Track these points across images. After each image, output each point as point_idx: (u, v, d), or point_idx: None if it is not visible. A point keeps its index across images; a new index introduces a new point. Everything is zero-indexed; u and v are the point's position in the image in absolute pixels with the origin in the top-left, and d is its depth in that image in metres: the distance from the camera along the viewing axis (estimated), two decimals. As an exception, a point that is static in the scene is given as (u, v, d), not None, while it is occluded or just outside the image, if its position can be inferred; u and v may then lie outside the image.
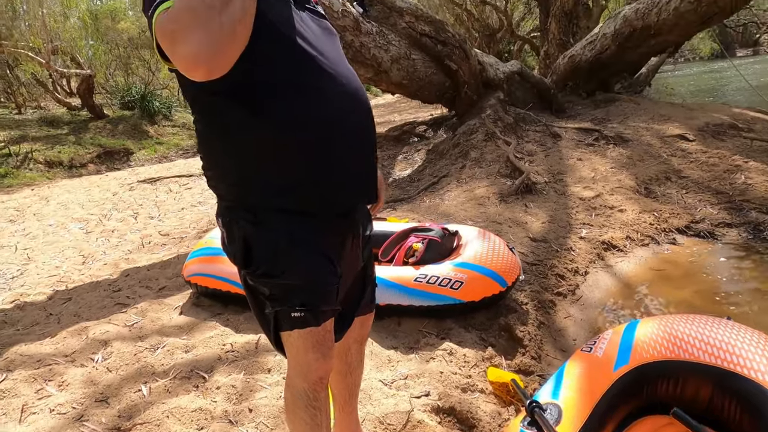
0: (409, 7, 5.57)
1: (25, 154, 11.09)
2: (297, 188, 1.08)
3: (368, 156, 1.19)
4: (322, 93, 1.06)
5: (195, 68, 0.85)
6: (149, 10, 0.89)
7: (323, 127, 1.06)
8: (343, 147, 1.10)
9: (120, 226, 5.02)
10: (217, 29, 0.83)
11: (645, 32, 6.03)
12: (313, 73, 1.05)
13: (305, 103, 1.04)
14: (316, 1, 1.22)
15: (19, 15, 14.13)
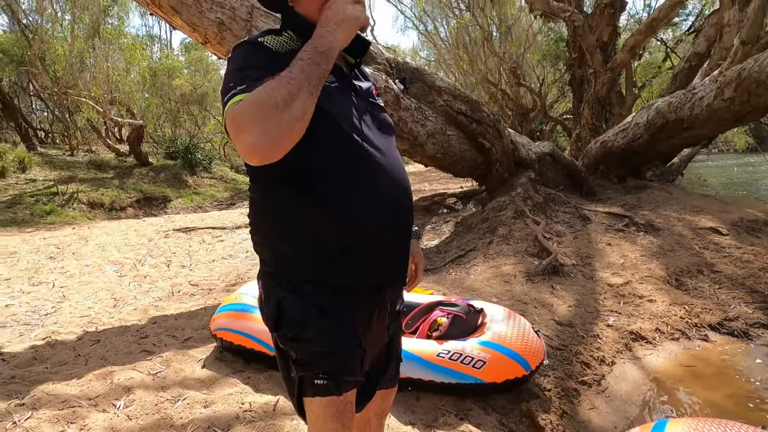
0: (448, 87, 5.86)
1: (71, 193, 11.64)
2: (334, 267, 1.14)
3: (405, 244, 1.26)
4: (371, 186, 1.14)
5: (252, 156, 0.97)
6: (224, 98, 1.02)
7: (368, 217, 1.14)
8: (384, 236, 1.18)
9: (152, 273, 5.17)
10: (276, 125, 0.94)
11: (678, 125, 6.15)
12: (365, 166, 1.14)
13: (354, 195, 1.12)
14: (377, 93, 1.31)
15: (86, 67, 15.31)
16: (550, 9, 8.40)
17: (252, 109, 0.95)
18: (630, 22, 15.88)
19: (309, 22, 1.14)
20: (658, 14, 7.94)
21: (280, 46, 1.12)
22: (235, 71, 1.05)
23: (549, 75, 18.73)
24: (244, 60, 1.08)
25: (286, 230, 1.16)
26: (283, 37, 1.15)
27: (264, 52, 1.09)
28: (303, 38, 1.13)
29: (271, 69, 1.01)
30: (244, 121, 0.95)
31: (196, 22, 4.04)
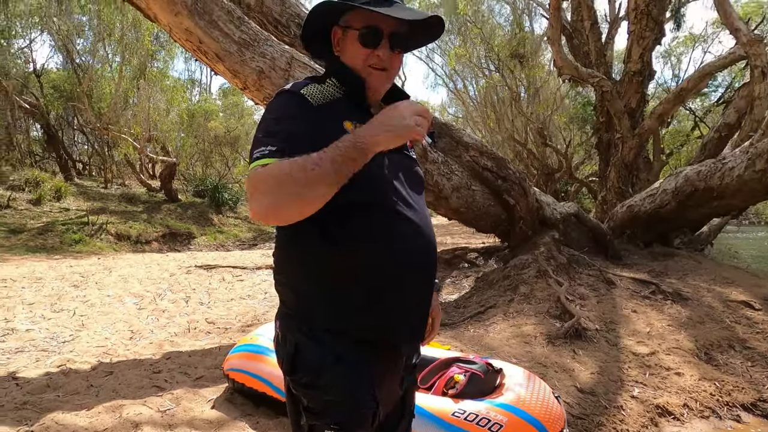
0: (475, 143, 5.95)
1: (101, 224, 11.95)
2: (354, 318, 1.13)
3: (427, 298, 1.25)
4: (399, 238, 1.15)
5: (256, 217, 1.02)
6: (253, 152, 1.06)
7: (393, 272, 1.14)
8: (405, 292, 1.17)
9: (171, 307, 5.20)
10: (286, 204, 0.99)
11: (707, 194, 6.06)
12: (395, 218, 1.15)
13: (382, 245, 1.13)
14: (411, 145, 1.34)
15: (129, 105, 16.09)
16: (579, 74, 8.58)
17: (270, 181, 0.99)
18: (658, 91, 16.06)
19: (353, 71, 1.20)
20: (687, 84, 8.03)
21: (322, 97, 1.15)
22: (270, 122, 1.10)
23: (575, 137, 18.88)
24: (283, 112, 1.11)
25: (310, 273, 1.16)
26: (326, 85, 1.19)
27: (302, 105, 1.12)
28: (345, 86, 1.20)
29: (305, 127, 1.06)
30: (260, 188, 0.99)
31: (238, 70, 4.24)
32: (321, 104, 1.13)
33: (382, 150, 1.08)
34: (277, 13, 4.94)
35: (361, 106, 1.22)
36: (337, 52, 1.25)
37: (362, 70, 1.20)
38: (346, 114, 1.15)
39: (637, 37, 8.17)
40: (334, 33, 1.24)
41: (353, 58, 1.20)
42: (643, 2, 7.89)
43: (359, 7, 1.17)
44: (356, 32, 1.19)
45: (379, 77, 1.21)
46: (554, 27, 8.31)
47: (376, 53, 1.19)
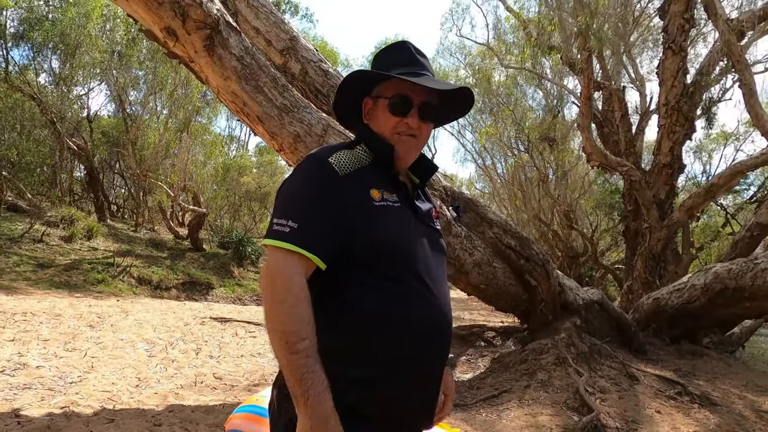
0: (499, 220, 5.97)
1: (125, 267, 12.17)
2: (360, 392, 1.09)
3: (439, 374, 1.22)
4: (417, 310, 1.14)
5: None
6: (272, 222, 1.09)
7: (409, 341, 1.12)
8: (417, 366, 1.15)
9: (181, 358, 5.15)
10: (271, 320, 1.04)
11: (738, 293, 5.87)
12: (415, 289, 1.14)
13: (399, 316, 1.12)
14: (436, 216, 1.34)
15: (169, 155, 16.85)
16: (608, 162, 8.67)
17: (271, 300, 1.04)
18: (688, 184, 16.02)
19: (381, 138, 1.23)
20: (718, 180, 8.00)
21: (350, 164, 1.15)
22: (294, 191, 1.13)
23: (602, 223, 18.73)
24: (307, 183, 1.13)
25: (322, 342, 1.10)
26: (356, 150, 1.20)
27: (328, 175, 1.12)
28: (374, 152, 1.22)
29: (326, 202, 1.09)
30: (266, 294, 1.05)
31: (276, 132, 4.44)
32: (348, 173, 1.14)
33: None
34: (319, 83, 5.22)
35: (389, 173, 1.22)
36: (367, 121, 1.28)
37: (391, 137, 1.22)
38: (373, 182, 1.17)
39: (668, 131, 8.28)
40: (365, 103, 1.29)
41: (383, 125, 1.24)
42: (674, 98, 8.07)
43: (389, 77, 1.21)
44: (386, 101, 1.22)
45: (407, 143, 1.23)
46: (585, 115, 8.52)
47: (405, 121, 1.22)
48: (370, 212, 1.13)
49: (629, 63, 12.17)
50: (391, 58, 1.27)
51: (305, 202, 1.10)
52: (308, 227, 1.06)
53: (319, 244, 1.07)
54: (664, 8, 8.16)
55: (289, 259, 1.05)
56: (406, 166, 1.28)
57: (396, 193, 1.20)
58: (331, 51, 20.43)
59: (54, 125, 14.81)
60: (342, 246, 1.10)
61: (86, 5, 14.45)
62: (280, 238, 1.05)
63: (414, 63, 1.26)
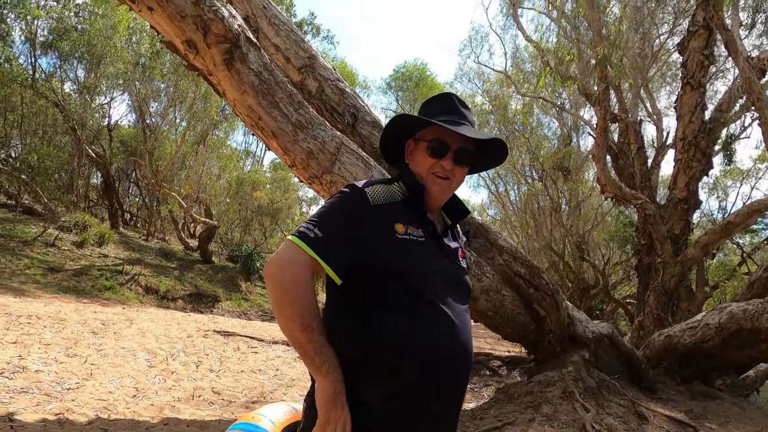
0: (510, 247, 5.88)
1: (134, 275, 12.21)
2: (364, 410, 1.13)
3: (456, 411, 1.26)
4: (434, 351, 1.17)
5: (265, 276, 1.18)
6: (306, 222, 1.19)
7: (427, 375, 1.15)
8: (437, 398, 1.17)
9: (181, 370, 5.10)
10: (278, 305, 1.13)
11: (754, 335, 5.69)
12: (436, 324, 1.18)
13: (420, 351, 1.15)
14: (462, 255, 1.40)
15: (185, 167, 17.05)
16: (622, 194, 8.57)
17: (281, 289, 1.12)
18: (703, 220, 15.79)
19: (417, 177, 1.33)
20: (735, 218, 7.86)
21: (384, 197, 1.25)
22: (327, 209, 1.22)
23: (615, 255, 18.47)
24: (340, 205, 1.23)
25: (340, 342, 1.17)
26: (392, 186, 1.30)
27: (361, 202, 1.23)
28: (410, 191, 1.31)
29: (352, 224, 1.18)
30: (276, 280, 1.13)
31: (289, 148, 4.45)
32: (379, 204, 1.24)
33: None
34: (335, 102, 5.26)
35: (419, 210, 1.31)
36: (408, 161, 1.39)
37: (426, 177, 1.32)
38: (400, 216, 1.25)
39: (684, 166, 8.20)
40: (408, 145, 1.40)
41: (420, 165, 1.34)
42: (691, 133, 8.01)
43: (431, 124, 1.32)
44: (426, 144, 1.33)
45: (440, 185, 1.33)
46: (600, 146, 8.47)
47: (441, 163, 1.31)
48: (393, 243, 1.21)
49: (647, 96, 12.15)
50: (436, 107, 1.39)
51: (335, 219, 1.20)
52: (330, 240, 1.16)
53: (335, 257, 1.16)
54: (683, 44, 8.15)
55: (301, 257, 1.14)
56: (438, 205, 1.37)
57: (422, 228, 1.28)
58: (350, 72, 20.72)
59: (75, 132, 15.10)
60: (359, 265, 1.18)
61: (114, 17, 14.85)
62: (303, 240, 1.15)
63: (454, 112, 1.36)
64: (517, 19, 12.41)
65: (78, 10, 15.39)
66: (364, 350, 1.15)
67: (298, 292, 1.11)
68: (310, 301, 1.12)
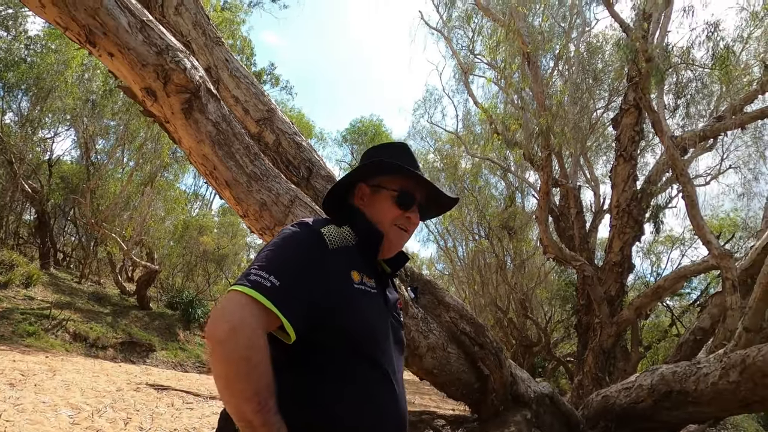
0: (456, 305, 5.99)
1: (61, 320, 11.42)
2: None
3: None
4: (378, 406, 1.14)
5: (207, 338, 1.01)
6: (251, 266, 1.06)
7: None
8: None
9: (107, 428, 4.75)
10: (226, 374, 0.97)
11: (682, 396, 5.96)
12: (378, 386, 1.15)
13: (361, 410, 1.12)
14: (401, 305, 1.38)
15: (128, 208, 16.44)
16: (563, 255, 8.99)
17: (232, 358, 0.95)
18: (637, 282, 16.65)
19: (372, 224, 1.25)
20: (664, 283, 8.37)
21: (339, 241, 1.17)
22: (279, 252, 1.09)
23: (556, 314, 19.02)
24: (296, 249, 1.11)
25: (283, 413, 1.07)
26: (343, 230, 1.21)
27: (319, 245, 1.14)
28: (359, 236, 1.23)
29: (309, 271, 1.07)
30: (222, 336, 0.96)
31: (243, 198, 4.45)
32: (335, 248, 1.15)
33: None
34: (291, 155, 5.34)
35: (371, 259, 1.25)
36: (360, 205, 1.31)
37: (387, 227, 1.27)
38: (355, 263, 1.18)
39: (618, 232, 8.74)
40: (360, 189, 1.32)
41: (383, 215, 1.28)
42: (624, 201, 8.61)
43: (406, 173, 1.27)
44: (391, 193, 1.28)
45: (402, 236, 1.29)
46: (542, 209, 8.93)
47: (407, 215, 1.28)
48: (349, 294, 1.13)
49: (585, 164, 13.01)
50: (394, 155, 1.32)
51: (292, 263, 1.08)
52: (290, 289, 1.03)
53: (296, 311, 1.03)
54: (617, 119, 8.90)
55: (257, 314, 0.98)
56: (390, 255, 1.32)
57: (374, 279, 1.22)
58: (307, 123, 21.08)
59: (11, 165, 14.35)
60: (315, 323, 1.07)
61: (67, 53, 14.58)
62: (258, 290, 1.00)
63: (415, 165, 1.34)
64: (468, 85, 13.17)
65: (30, 43, 15.02)
66: (304, 418, 1.05)
67: (254, 360, 0.95)
68: (267, 372, 0.97)
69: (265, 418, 0.95)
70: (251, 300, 0.99)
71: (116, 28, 3.35)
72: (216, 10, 13.58)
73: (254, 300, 0.99)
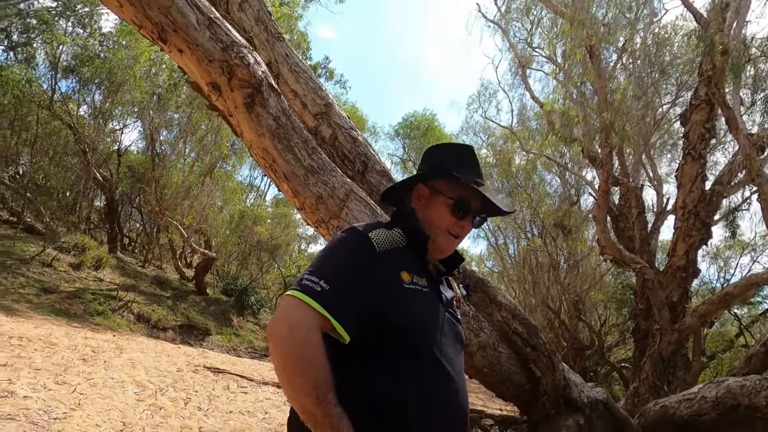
0: (509, 304, 5.88)
1: (127, 302, 12.11)
2: None
3: None
4: (437, 414, 1.14)
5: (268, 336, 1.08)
6: (306, 272, 1.11)
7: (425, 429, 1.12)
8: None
9: (169, 406, 5.01)
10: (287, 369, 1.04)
11: (751, 412, 5.60)
12: (438, 385, 1.16)
13: (421, 404, 1.12)
14: (457, 304, 1.37)
15: (189, 197, 17.20)
16: (621, 257, 8.63)
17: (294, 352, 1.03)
18: (702, 288, 15.77)
19: (421, 227, 1.27)
20: (733, 290, 7.88)
21: (387, 243, 1.19)
22: (331, 257, 1.15)
23: (611, 317, 18.33)
24: (347, 253, 1.16)
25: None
26: (393, 232, 1.24)
27: (367, 249, 1.17)
28: (410, 238, 1.25)
29: (360, 274, 1.11)
30: (285, 340, 1.04)
31: (300, 191, 4.54)
32: (384, 250, 1.17)
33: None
34: (347, 149, 5.39)
35: (423, 259, 1.27)
36: (417, 206, 1.33)
37: (439, 232, 1.28)
38: (405, 264, 1.20)
39: (684, 234, 8.29)
40: (419, 190, 1.34)
41: (437, 219, 1.29)
42: (691, 202, 8.14)
43: (466, 184, 1.27)
44: (447, 200, 1.29)
45: (452, 243, 1.31)
46: (601, 208, 8.60)
47: (461, 223, 1.29)
48: (400, 294, 1.15)
49: (648, 162, 12.41)
50: (460, 161, 1.33)
51: (341, 268, 1.13)
52: (339, 293, 1.08)
53: (345, 313, 1.08)
54: (685, 116, 8.42)
55: (311, 315, 1.05)
56: (440, 257, 1.34)
57: (425, 277, 1.23)
58: (360, 117, 21.21)
59: (85, 155, 15.33)
60: (368, 323, 1.11)
61: (136, 48, 15.36)
62: (309, 294, 1.06)
63: (479, 174, 1.33)
64: (525, 79, 12.85)
65: (103, 39, 15.94)
66: (361, 411, 1.07)
67: (310, 356, 1.01)
68: (324, 366, 1.02)
69: (325, 410, 1.01)
70: (303, 304, 1.06)
71: (186, 25, 3.48)
72: (275, 5, 13.88)
73: (305, 304, 1.06)
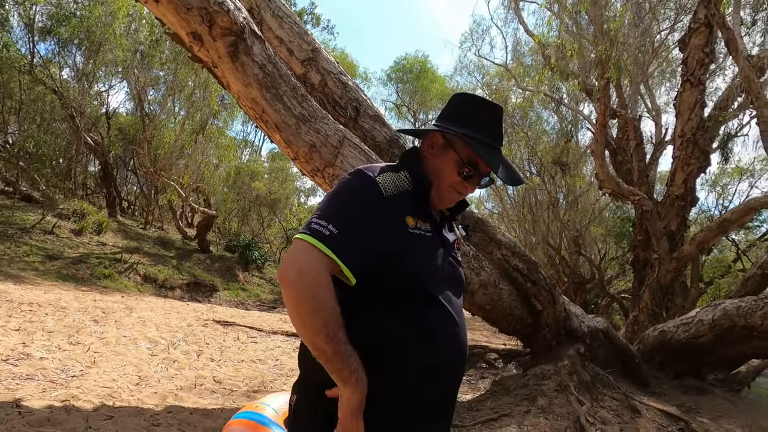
0: (508, 242, 5.94)
1: (132, 263, 12.24)
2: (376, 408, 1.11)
3: (452, 400, 1.27)
4: (437, 351, 1.18)
5: (280, 281, 1.08)
6: (314, 215, 1.11)
7: (427, 364, 1.16)
8: (435, 391, 1.19)
9: (182, 359, 5.16)
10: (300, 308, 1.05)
11: (747, 331, 5.79)
12: (438, 320, 1.18)
13: (420, 339, 1.16)
14: (458, 246, 1.39)
15: (183, 156, 17.02)
16: (620, 190, 8.64)
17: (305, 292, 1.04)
18: (701, 217, 15.89)
19: (425, 175, 1.26)
20: (731, 216, 7.93)
21: (394, 187, 1.19)
22: (340, 200, 1.14)
23: (611, 250, 18.59)
24: (355, 197, 1.15)
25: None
26: (401, 175, 1.23)
27: (375, 194, 1.16)
28: (415, 184, 1.24)
29: (368, 217, 1.12)
30: (294, 280, 1.04)
31: (292, 141, 4.48)
32: (390, 195, 1.17)
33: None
34: (338, 95, 5.28)
35: (426, 203, 1.27)
36: (427, 153, 1.30)
37: (442, 186, 1.27)
38: (409, 208, 1.20)
39: (682, 163, 8.26)
40: (435, 137, 1.30)
41: (443, 173, 1.27)
42: (690, 131, 8.06)
43: (479, 155, 1.22)
44: (458, 159, 1.25)
45: (453, 198, 1.30)
46: (599, 142, 8.52)
47: (465, 184, 1.27)
48: (405, 238, 1.16)
49: (646, 93, 12.19)
50: (477, 118, 1.27)
51: (350, 212, 1.12)
52: (347, 237, 1.08)
53: (353, 257, 1.09)
54: (684, 41, 8.18)
55: (320, 258, 1.06)
56: (440, 207, 1.32)
57: (429, 222, 1.24)
58: (351, 63, 20.65)
59: (73, 119, 15.04)
60: (373, 266, 1.12)
61: (113, 4, 14.74)
62: (318, 238, 1.07)
63: (497, 138, 1.28)
64: (518, 12, 12.40)
65: (77, -4, 15.26)
66: (365, 348, 1.10)
67: (321, 297, 1.03)
68: (333, 307, 1.05)
69: (335, 347, 1.04)
70: (312, 247, 1.06)
71: (159, -29, 3.32)
72: (253, -51, 13.21)
73: (314, 247, 1.06)
